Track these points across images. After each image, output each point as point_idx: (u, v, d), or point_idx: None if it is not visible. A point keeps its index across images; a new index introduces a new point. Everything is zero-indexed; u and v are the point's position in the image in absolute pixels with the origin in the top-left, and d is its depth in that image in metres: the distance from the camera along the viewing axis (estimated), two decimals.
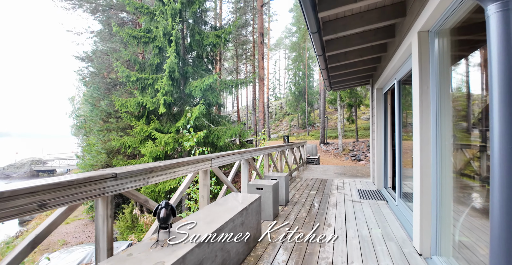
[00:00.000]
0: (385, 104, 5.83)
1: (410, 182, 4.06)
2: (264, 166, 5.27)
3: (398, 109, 4.32)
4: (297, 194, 5.38)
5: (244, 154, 3.86)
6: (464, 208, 2.44)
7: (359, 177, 7.65)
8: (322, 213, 4.03)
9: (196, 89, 9.19)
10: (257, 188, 3.78)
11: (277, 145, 6.16)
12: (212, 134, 9.98)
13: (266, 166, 5.25)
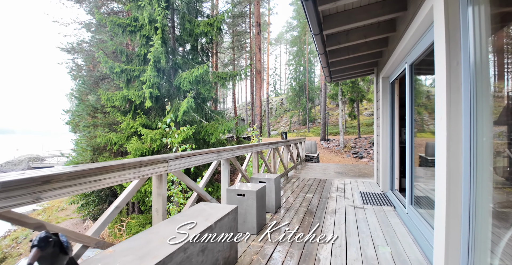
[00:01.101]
0: (392, 95, 5.11)
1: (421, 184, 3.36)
2: (253, 166, 4.58)
3: (410, 100, 3.61)
4: (291, 197, 4.69)
5: (222, 152, 3.16)
6: (508, 228, 1.75)
7: (361, 177, 6.95)
8: (317, 223, 3.34)
9: (185, 81, 8.48)
10: (238, 195, 3.10)
11: (270, 141, 5.46)
12: (204, 130, 9.30)
13: (255, 166, 4.56)
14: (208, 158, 2.84)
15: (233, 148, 3.47)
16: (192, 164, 2.47)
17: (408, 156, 3.61)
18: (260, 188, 3.20)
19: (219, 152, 3.09)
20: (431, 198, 3.16)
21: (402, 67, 4.00)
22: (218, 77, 9.96)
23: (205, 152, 2.76)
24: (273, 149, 5.71)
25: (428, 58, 2.96)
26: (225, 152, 3.24)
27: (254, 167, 4.57)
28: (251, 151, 4.27)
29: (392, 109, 5.10)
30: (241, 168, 3.87)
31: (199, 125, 9.46)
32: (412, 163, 3.60)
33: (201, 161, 2.67)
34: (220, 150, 3.14)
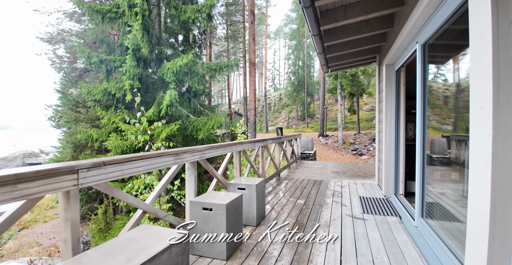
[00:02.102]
0: (397, 85, 4.42)
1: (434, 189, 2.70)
2: (235, 168, 3.91)
3: (422, 87, 2.91)
4: (279, 204, 4.03)
5: (184, 154, 2.49)
6: None
7: (361, 178, 6.29)
8: (306, 244, 2.67)
9: (169, 72, 7.75)
10: (204, 209, 2.43)
11: (258, 138, 4.77)
12: (191, 126, 8.60)
13: (236, 168, 3.88)
14: (160, 162, 2.16)
15: (202, 148, 2.79)
16: (126, 173, 1.79)
17: (419, 156, 2.94)
18: (234, 199, 2.52)
19: (179, 154, 2.40)
20: (448, 209, 2.51)
21: (412, 49, 3.29)
22: (207, 69, 9.22)
23: (154, 155, 2.07)
24: (261, 147, 5.03)
25: (451, 31, 2.26)
26: (188, 153, 2.56)
27: (235, 170, 3.90)
28: (231, 150, 3.59)
29: (397, 101, 4.41)
30: (215, 173, 3.19)
31: (187, 120, 8.76)
32: (423, 165, 2.93)
33: (146, 167, 1.99)
34: (181, 151, 2.45)
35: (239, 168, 3.88)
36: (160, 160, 2.15)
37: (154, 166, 2.08)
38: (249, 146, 4.20)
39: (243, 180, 3.41)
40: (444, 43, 2.59)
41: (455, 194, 2.35)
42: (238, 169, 3.87)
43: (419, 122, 2.89)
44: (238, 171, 3.88)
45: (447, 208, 2.48)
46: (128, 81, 7.73)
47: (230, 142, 3.60)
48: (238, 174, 3.89)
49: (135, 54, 7.62)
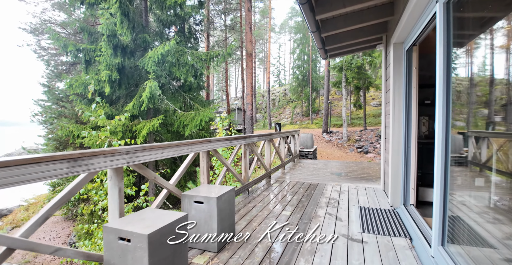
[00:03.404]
0: (408, 68, 3.55)
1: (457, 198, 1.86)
2: (201, 172, 3.12)
3: (445, 64, 2.05)
4: (258, 218, 3.24)
5: (92, 158, 1.71)
6: None
7: (364, 180, 5.45)
8: None
9: (150, 61, 6.98)
10: (121, 239, 1.66)
11: (237, 135, 3.97)
12: (178, 121, 7.85)
13: (203, 172, 3.10)
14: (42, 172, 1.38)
15: (131, 149, 2.00)
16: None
17: (439, 158, 2.09)
18: (170, 223, 1.75)
19: (79, 159, 1.62)
20: (481, 233, 1.68)
21: (429, 15, 2.43)
22: (196, 58, 8.41)
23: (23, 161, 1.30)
24: (244, 145, 4.22)
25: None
26: (102, 157, 1.78)
27: (202, 175, 3.11)
28: (192, 150, 2.80)
29: (408, 89, 3.55)
30: (162, 182, 2.42)
31: (173, 115, 8.01)
32: (446, 170, 2.09)
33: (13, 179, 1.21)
34: (85, 154, 1.67)
35: (207, 173, 3.09)
36: (46, 168, 1.37)
37: (30, 177, 1.30)
38: (222, 144, 3.41)
39: (205, 189, 2.63)
40: None
41: (490, 208, 1.53)
42: (205, 174, 3.09)
43: (440, 113, 2.04)
44: (205, 176, 3.09)
45: (478, 229, 1.67)
46: (105, 71, 6.99)
47: (191, 140, 2.81)
48: (205, 180, 3.10)
49: (111, 41, 6.86)
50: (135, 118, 7.97)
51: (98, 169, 1.80)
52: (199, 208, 2.44)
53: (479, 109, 1.86)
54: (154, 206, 2.37)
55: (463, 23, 1.98)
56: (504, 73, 1.48)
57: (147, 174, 2.25)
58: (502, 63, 1.51)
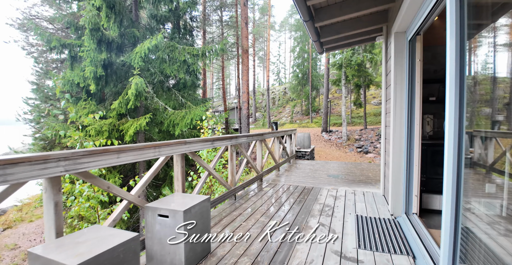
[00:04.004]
0: (411, 60, 3.16)
1: None
2: (175, 178, 2.75)
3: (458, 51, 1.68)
4: (241, 229, 2.87)
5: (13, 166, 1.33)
6: None
7: (363, 184, 5.07)
8: None
9: (137, 56, 6.60)
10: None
11: (222, 136, 3.59)
12: (168, 120, 7.48)
13: (178, 178, 2.73)
14: None
15: (70, 154, 1.63)
16: None
17: (450, 160, 1.71)
18: (103, 252, 1.37)
19: None
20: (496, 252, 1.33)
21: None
22: (188, 54, 8.03)
23: None
24: (231, 146, 3.85)
25: None
26: (25, 165, 1.41)
27: (176, 181, 2.74)
28: (163, 153, 2.43)
29: (410, 85, 3.16)
30: (118, 192, 2.05)
31: (163, 114, 7.64)
32: (459, 180, 1.71)
33: None
34: (5, 161, 1.30)
35: (181, 179, 2.72)
36: None
37: None
38: (202, 146, 3.03)
39: (174, 199, 2.26)
40: None
41: None
42: (180, 180, 2.72)
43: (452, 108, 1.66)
44: (179, 183, 2.72)
45: (498, 249, 1.30)
46: (90, 68, 6.62)
47: (160, 141, 2.43)
48: (179, 187, 2.73)
49: (94, 35, 6.47)
50: (123, 117, 7.61)
51: (22, 180, 1.43)
52: (164, 223, 2.06)
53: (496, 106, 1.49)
54: (108, 222, 2.00)
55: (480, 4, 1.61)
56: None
57: (97, 183, 1.88)
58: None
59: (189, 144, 2.76)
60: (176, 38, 11.53)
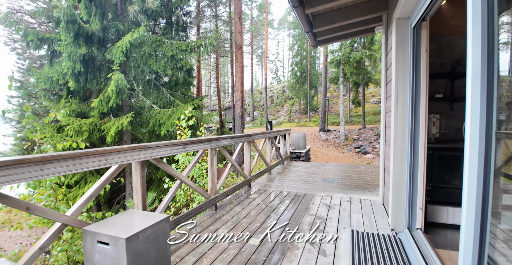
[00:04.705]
0: (416, 51, 2.71)
1: None
2: (134, 191, 2.31)
3: (484, 29, 1.21)
4: (214, 250, 2.43)
5: None
6: None
7: (360, 190, 4.64)
8: None
9: (118, 50, 6.13)
10: None
11: (195, 138, 3.13)
12: (153, 119, 7.03)
13: (137, 191, 2.28)
14: None
15: None
16: None
17: (474, 168, 1.25)
18: None
19: None
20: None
21: None
22: (176, 49, 7.55)
23: None
24: (211, 149, 3.40)
25: None
26: None
27: (136, 194, 2.30)
28: (112, 161, 1.99)
29: (415, 79, 2.72)
30: (47, 214, 1.60)
31: (149, 113, 7.18)
32: (486, 188, 1.25)
33: None
34: None
35: (141, 192, 2.28)
36: None
37: None
38: (170, 151, 2.58)
39: (124, 220, 1.82)
40: None
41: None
42: (140, 193, 2.27)
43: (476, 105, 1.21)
44: (139, 196, 2.28)
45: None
46: (68, 63, 6.15)
47: (109, 147, 1.98)
48: (139, 202, 2.28)
49: (70, 27, 5.99)
50: (106, 116, 7.14)
51: None
52: (105, 252, 1.62)
53: None
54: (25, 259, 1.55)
55: None
56: None
57: (11, 203, 1.43)
58: None
59: (150, 149, 2.31)
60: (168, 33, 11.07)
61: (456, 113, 3.42)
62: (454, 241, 2.91)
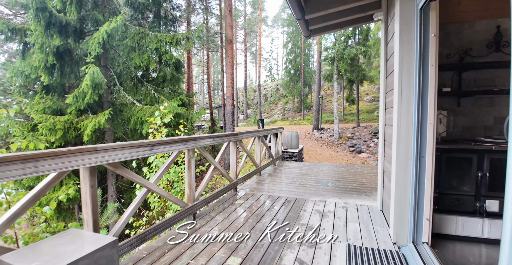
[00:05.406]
0: (423, 36, 2.32)
1: None
2: (83, 204, 1.87)
3: None
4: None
5: None
6: None
7: (356, 193, 4.27)
8: None
9: (94, 42, 5.62)
10: None
11: (165, 139, 2.69)
12: (135, 117, 6.54)
13: (87, 204, 1.85)
14: None
15: None
16: None
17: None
18: None
19: None
20: None
21: None
22: (160, 42, 7.06)
23: None
24: (188, 151, 2.97)
25: None
26: None
27: (85, 207, 1.86)
28: (43, 169, 1.55)
29: (421, 69, 2.33)
30: None
31: (130, 110, 6.69)
32: None
33: None
34: None
35: (91, 205, 1.84)
36: None
37: None
38: (130, 154, 2.14)
39: (62, 243, 1.38)
40: None
41: None
42: (90, 206, 1.84)
43: None
44: (89, 210, 1.85)
45: None
46: (39, 55, 5.62)
47: (38, 151, 1.53)
48: (89, 218, 1.85)
49: (40, 16, 5.45)
50: (84, 113, 6.63)
51: None
52: None
53: None
54: None
55: None
56: None
57: None
58: None
59: (102, 151, 1.87)
60: (155, 27, 10.55)
61: (463, 110, 3.06)
62: (464, 257, 2.55)
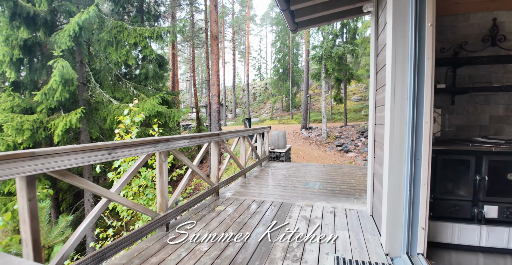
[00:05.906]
0: (419, 26, 2.10)
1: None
2: (21, 221, 1.58)
3: None
4: None
5: None
6: None
7: (344, 196, 4.06)
8: None
9: (65, 34, 5.18)
10: None
11: (130, 141, 2.37)
12: (111, 115, 6.12)
13: (25, 221, 1.51)
14: None
15: None
16: None
17: None
18: None
19: None
20: None
21: None
22: (139, 36, 6.65)
23: None
24: (159, 154, 2.65)
25: None
26: None
27: (23, 225, 1.53)
28: None
29: (417, 62, 2.11)
30: None
31: (107, 108, 6.26)
32: None
33: None
34: None
35: (29, 222, 1.52)
36: None
37: None
38: (80, 160, 1.81)
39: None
40: None
41: None
42: (28, 223, 1.52)
43: None
44: (27, 227, 1.53)
45: None
46: (3, 49, 5.13)
47: None
48: (28, 237, 1.52)
49: (3, 4, 4.97)
50: (56, 112, 6.15)
51: None
52: None
53: None
54: None
55: None
56: None
57: None
58: None
59: (43, 157, 1.54)
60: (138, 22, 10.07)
61: (457, 108, 2.87)
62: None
